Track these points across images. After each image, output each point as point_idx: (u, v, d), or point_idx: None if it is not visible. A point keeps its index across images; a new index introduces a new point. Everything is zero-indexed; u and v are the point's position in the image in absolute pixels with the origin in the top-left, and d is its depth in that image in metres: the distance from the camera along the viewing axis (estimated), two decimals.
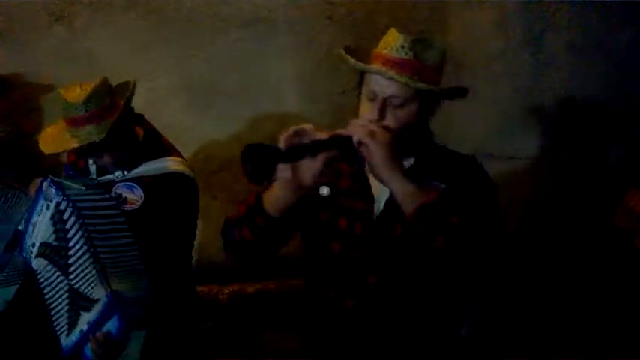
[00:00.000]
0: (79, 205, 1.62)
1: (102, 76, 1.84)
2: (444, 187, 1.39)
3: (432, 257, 1.31)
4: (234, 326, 2.64)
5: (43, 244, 1.69)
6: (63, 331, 1.67)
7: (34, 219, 1.73)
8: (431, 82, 1.41)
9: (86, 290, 1.60)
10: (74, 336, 1.63)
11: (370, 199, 1.48)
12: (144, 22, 2.67)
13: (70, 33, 2.67)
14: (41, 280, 1.71)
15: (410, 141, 1.45)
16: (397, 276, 1.46)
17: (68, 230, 1.61)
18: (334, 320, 1.52)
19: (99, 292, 1.57)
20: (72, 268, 1.62)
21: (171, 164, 1.89)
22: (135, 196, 1.81)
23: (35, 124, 2.65)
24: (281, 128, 2.62)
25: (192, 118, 2.69)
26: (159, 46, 2.68)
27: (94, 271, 1.57)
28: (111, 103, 1.76)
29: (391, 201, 1.42)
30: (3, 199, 2.03)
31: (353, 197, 1.50)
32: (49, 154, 1.82)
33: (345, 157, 1.39)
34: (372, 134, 1.31)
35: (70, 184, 1.72)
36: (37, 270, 1.72)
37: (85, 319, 1.60)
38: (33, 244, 1.73)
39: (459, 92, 1.47)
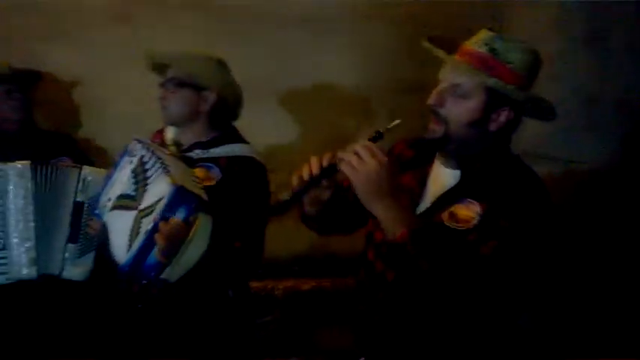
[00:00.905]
0: (162, 159, 1.68)
1: None
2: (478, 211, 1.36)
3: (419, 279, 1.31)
4: (288, 323, 2.68)
5: (121, 196, 1.72)
6: (122, 252, 1.65)
7: (114, 177, 1.77)
8: (504, 82, 1.36)
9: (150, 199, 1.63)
10: (136, 244, 1.60)
11: (416, 201, 1.47)
12: (204, 20, 2.72)
13: (132, 33, 2.74)
14: (110, 229, 1.74)
15: (461, 147, 1.41)
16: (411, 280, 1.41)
17: (150, 177, 1.65)
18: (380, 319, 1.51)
19: (161, 189, 1.59)
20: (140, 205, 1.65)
21: (245, 149, 1.95)
22: (211, 175, 1.85)
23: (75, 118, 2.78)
24: (335, 126, 2.71)
25: (251, 115, 2.73)
26: (218, 45, 2.71)
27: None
28: None
29: (432, 208, 1.42)
30: (51, 176, 2.14)
31: (406, 194, 1.48)
32: None
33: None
34: (358, 159, 1.30)
35: (156, 146, 1.82)
36: (108, 223, 1.75)
37: (149, 220, 1.59)
38: (109, 199, 1.76)
39: (538, 106, 1.41)
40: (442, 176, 1.47)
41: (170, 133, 1.98)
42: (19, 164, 2.14)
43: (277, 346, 2.54)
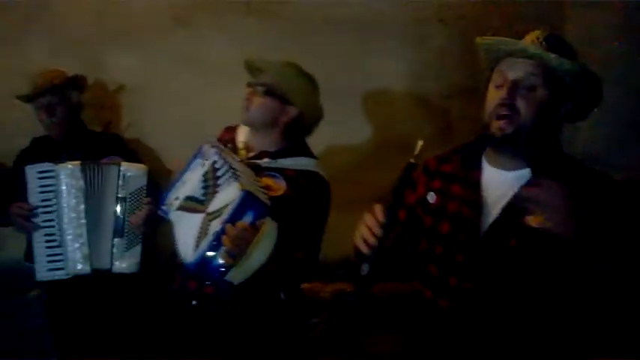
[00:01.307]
0: (234, 167, 1.72)
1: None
2: None
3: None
4: (336, 325, 2.69)
5: (188, 198, 1.77)
6: (189, 251, 1.69)
7: (185, 176, 1.81)
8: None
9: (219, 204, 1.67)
10: (203, 245, 1.63)
11: (478, 207, 1.45)
12: (259, 26, 2.78)
13: (191, 37, 2.83)
14: (175, 227, 1.78)
15: (530, 144, 1.41)
16: (496, 285, 1.41)
17: (220, 185, 1.69)
18: (431, 321, 1.51)
19: (231, 194, 1.63)
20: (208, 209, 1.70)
21: (312, 163, 1.97)
22: (277, 185, 1.87)
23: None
24: (387, 131, 2.71)
25: None
26: (272, 49, 2.78)
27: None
28: None
29: (508, 212, 1.39)
30: (94, 174, 2.29)
31: (461, 203, 1.48)
32: None
33: None
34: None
35: (227, 151, 1.86)
36: (172, 220, 1.80)
37: (217, 223, 1.63)
38: (177, 198, 1.80)
39: (593, 87, 1.42)
40: (500, 179, 1.45)
41: (242, 135, 2.01)
42: (69, 165, 2.29)
43: (324, 348, 2.55)
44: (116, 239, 2.29)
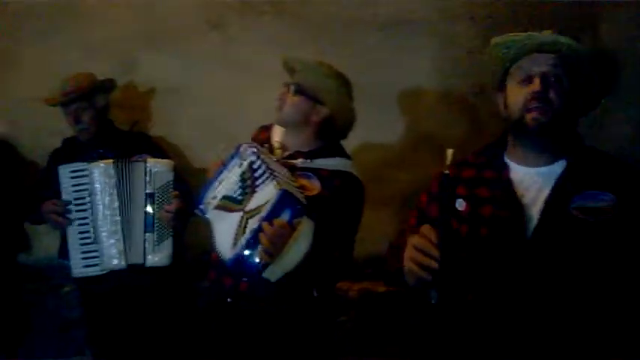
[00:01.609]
0: (272, 167, 1.76)
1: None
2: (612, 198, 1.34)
3: None
4: (363, 324, 2.69)
5: (225, 197, 1.80)
6: (227, 249, 1.72)
7: (223, 175, 1.83)
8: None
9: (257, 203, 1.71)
10: (242, 242, 1.67)
11: (517, 206, 1.43)
12: (291, 27, 2.80)
13: (224, 39, 2.87)
14: (213, 226, 1.82)
15: (561, 136, 1.43)
16: (549, 284, 1.38)
17: (257, 185, 1.73)
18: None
19: (268, 193, 1.67)
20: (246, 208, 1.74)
21: (345, 163, 1.99)
22: (312, 185, 1.89)
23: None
24: (416, 129, 2.70)
25: None
26: (304, 50, 2.78)
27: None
28: None
29: (552, 207, 1.38)
30: (123, 172, 2.36)
31: (495, 205, 1.45)
32: None
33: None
34: None
35: (265, 151, 1.89)
36: (210, 219, 1.83)
37: (254, 221, 1.66)
38: (214, 197, 1.82)
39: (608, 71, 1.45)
40: (533, 176, 1.45)
41: (277, 135, 2.04)
42: (102, 163, 2.36)
43: (352, 346, 2.56)
44: (147, 234, 2.36)
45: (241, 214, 1.73)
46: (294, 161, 1.95)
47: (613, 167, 1.43)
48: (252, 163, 1.77)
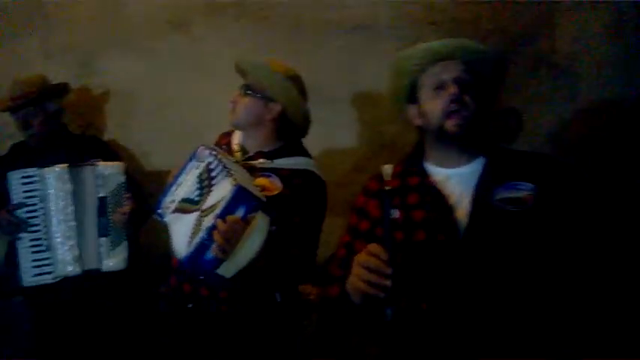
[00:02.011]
0: (228, 166, 1.76)
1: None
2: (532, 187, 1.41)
3: None
4: (324, 327, 2.68)
5: (183, 200, 1.80)
6: (182, 248, 1.73)
7: (181, 178, 1.85)
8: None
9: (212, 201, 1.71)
10: (196, 241, 1.67)
11: (445, 208, 1.48)
12: (253, 28, 2.80)
13: (187, 39, 2.85)
14: (171, 230, 1.82)
15: (478, 136, 1.50)
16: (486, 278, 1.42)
17: (214, 185, 1.73)
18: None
19: (223, 191, 1.67)
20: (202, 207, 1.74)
21: (305, 162, 2.00)
22: (272, 185, 1.91)
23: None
24: (381, 134, 2.72)
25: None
26: (267, 52, 2.79)
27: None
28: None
29: (478, 203, 1.44)
30: (73, 178, 2.31)
31: (426, 210, 1.50)
32: None
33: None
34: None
35: (222, 152, 1.89)
36: (168, 223, 1.83)
37: (209, 219, 1.66)
38: (172, 201, 1.83)
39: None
40: (456, 176, 1.52)
41: (237, 138, 2.06)
42: (57, 168, 2.32)
43: (313, 350, 2.54)
44: (102, 238, 2.33)
45: (198, 213, 1.73)
46: (254, 162, 1.96)
47: (529, 158, 1.51)
48: (209, 164, 1.78)
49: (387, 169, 1.36)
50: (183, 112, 2.83)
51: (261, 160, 1.96)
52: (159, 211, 1.85)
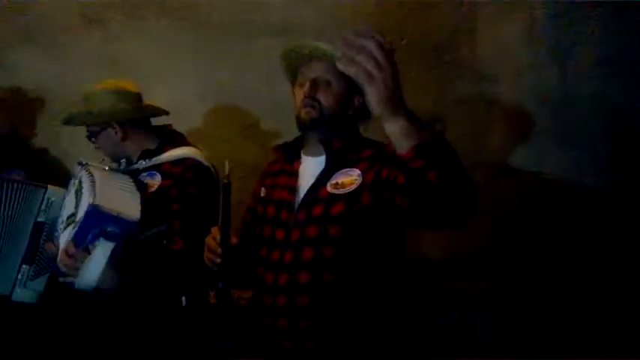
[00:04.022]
0: (95, 175, 1.80)
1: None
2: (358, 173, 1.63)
3: (426, 191, 1.28)
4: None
5: (68, 217, 1.83)
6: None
7: (66, 200, 1.90)
8: None
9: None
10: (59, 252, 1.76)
11: (293, 190, 1.70)
12: (175, 28, 2.73)
13: (104, 37, 2.74)
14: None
15: (335, 130, 1.68)
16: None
17: (81, 198, 1.78)
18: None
19: (83, 207, 1.73)
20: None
21: (186, 151, 1.99)
22: (154, 181, 1.93)
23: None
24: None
25: (219, 124, 2.73)
26: (189, 53, 2.72)
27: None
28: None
29: (313, 187, 1.66)
30: (15, 194, 2.10)
31: (282, 190, 1.74)
32: None
33: None
34: (376, 65, 1.14)
35: (96, 164, 1.92)
36: (61, 242, 1.82)
37: (65, 235, 1.77)
38: (62, 221, 1.87)
39: None
40: (311, 164, 1.72)
41: None
42: None
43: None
44: (24, 265, 2.10)
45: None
46: (136, 165, 1.99)
47: (369, 148, 1.68)
48: (80, 177, 1.84)
49: (226, 164, 1.55)
50: None
51: (141, 161, 1.99)
52: (55, 234, 1.91)
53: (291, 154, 1.78)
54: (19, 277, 2.08)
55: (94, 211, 1.66)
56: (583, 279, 2.61)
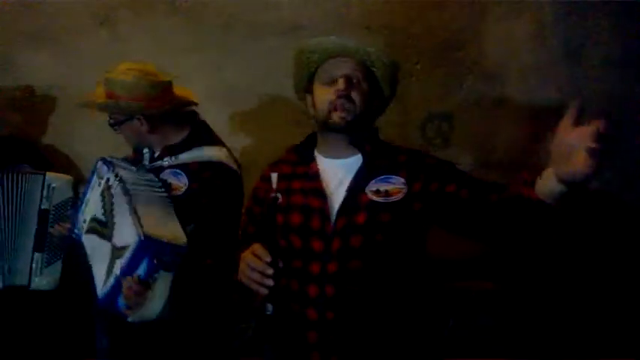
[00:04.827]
0: (127, 183, 1.72)
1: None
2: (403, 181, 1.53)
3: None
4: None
5: (93, 219, 1.76)
6: (100, 283, 1.71)
7: (88, 196, 1.81)
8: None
9: (122, 241, 1.68)
10: (109, 283, 1.66)
11: (322, 194, 1.57)
12: (184, 27, 2.74)
13: (113, 37, 2.76)
14: (89, 252, 1.78)
15: (362, 131, 1.59)
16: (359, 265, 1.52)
17: (115, 210, 1.70)
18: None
19: (128, 234, 1.64)
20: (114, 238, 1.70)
21: (214, 153, 1.91)
22: (179, 183, 1.84)
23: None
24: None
25: (227, 122, 2.74)
26: (198, 51, 2.74)
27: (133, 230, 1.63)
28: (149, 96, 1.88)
29: (352, 192, 1.54)
30: (14, 185, 2.13)
31: (305, 194, 1.59)
32: None
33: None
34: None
35: (122, 163, 1.84)
36: (85, 245, 1.78)
37: (117, 265, 1.64)
38: (84, 220, 1.79)
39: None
40: (337, 167, 1.60)
41: None
42: None
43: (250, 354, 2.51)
44: (36, 254, 2.13)
45: (110, 247, 1.70)
46: (160, 162, 1.91)
47: (403, 154, 1.61)
48: (107, 180, 1.76)
49: (274, 177, 1.47)
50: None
51: (166, 159, 1.90)
52: (76, 231, 1.83)
53: (307, 155, 1.66)
54: (34, 265, 2.12)
55: (146, 243, 1.58)
56: (583, 279, 2.61)
